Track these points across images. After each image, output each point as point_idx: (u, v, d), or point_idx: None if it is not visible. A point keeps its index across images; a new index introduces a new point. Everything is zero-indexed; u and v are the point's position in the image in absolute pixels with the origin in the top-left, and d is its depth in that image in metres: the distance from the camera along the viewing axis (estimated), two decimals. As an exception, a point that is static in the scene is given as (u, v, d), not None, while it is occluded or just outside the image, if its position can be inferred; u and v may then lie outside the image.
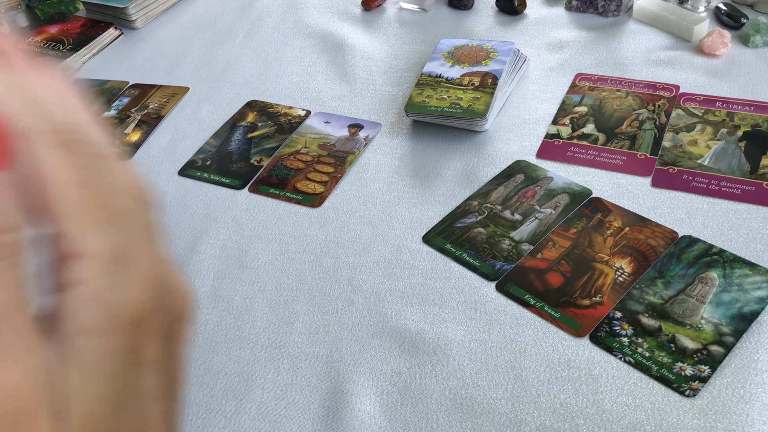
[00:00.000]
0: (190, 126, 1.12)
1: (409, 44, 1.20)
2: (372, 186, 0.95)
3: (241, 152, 1.04)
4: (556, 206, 0.87)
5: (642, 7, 1.14)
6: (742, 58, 1.04)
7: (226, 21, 1.37)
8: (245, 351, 0.78)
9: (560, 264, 0.80)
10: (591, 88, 1.04)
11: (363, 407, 0.71)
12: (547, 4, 1.24)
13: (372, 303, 0.80)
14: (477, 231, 0.85)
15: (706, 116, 0.95)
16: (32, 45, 1.34)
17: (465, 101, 0.99)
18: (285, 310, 0.81)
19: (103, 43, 1.36)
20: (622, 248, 0.80)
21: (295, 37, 1.28)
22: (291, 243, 0.89)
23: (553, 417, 0.66)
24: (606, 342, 0.71)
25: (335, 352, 0.76)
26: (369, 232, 0.88)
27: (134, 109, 1.18)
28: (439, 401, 0.70)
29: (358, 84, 1.13)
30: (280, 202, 0.95)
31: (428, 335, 0.75)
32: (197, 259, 0.89)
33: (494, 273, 0.80)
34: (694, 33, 1.08)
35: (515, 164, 0.94)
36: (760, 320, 0.70)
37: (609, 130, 0.96)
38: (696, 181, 0.86)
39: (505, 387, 0.70)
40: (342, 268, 0.84)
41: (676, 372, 0.68)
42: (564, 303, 0.75)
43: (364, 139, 1.03)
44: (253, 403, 0.73)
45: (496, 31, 1.20)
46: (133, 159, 1.07)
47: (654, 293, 0.75)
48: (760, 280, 0.74)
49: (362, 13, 1.31)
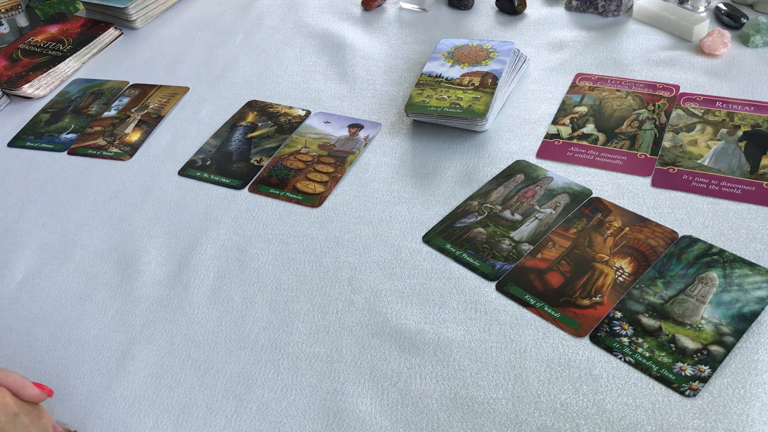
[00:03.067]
0: (190, 126, 1.12)
1: (409, 44, 1.20)
2: (372, 186, 0.95)
3: (241, 152, 1.04)
4: (556, 206, 0.87)
5: (642, 7, 1.14)
6: (742, 58, 1.04)
7: (226, 21, 1.37)
8: (245, 351, 0.78)
9: (560, 264, 0.80)
10: (591, 88, 1.04)
11: (363, 407, 0.71)
12: (547, 4, 1.24)
13: (372, 303, 0.80)
14: (477, 231, 0.85)
15: (706, 116, 0.95)
16: (32, 45, 1.34)
17: (465, 101, 0.99)
18: (285, 310, 0.81)
19: (103, 43, 1.36)
20: (622, 248, 0.80)
21: (295, 37, 1.28)
22: (291, 243, 0.89)
23: (553, 417, 0.67)
24: (606, 342, 0.71)
25: (335, 352, 0.76)
26: (369, 232, 0.88)
27: (134, 109, 1.18)
28: (440, 401, 0.70)
29: (358, 84, 1.13)
30: (280, 202, 0.95)
31: (428, 335, 0.75)
32: (197, 259, 0.89)
33: (494, 273, 0.80)
34: (694, 33, 1.08)
35: (515, 164, 0.94)
36: (760, 320, 0.70)
37: (609, 130, 0.96)
38: (696, 181, 0.86)
39: (505, 387, 0.70)
40: (342, 268, 0.84)
41: (677, 372, 0.68)
42: (564, 303, 0.75)
43: (364, 139, 1.03)
44: (253, 403, 0.73)
45: (496, 31, 1.20)
46: (133, 159, 1.07)
47: (654, 293, 0.75)
48: (760, 280, 0.74)
49: (362, 13, 1.31)
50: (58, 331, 0.84)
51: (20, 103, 1.25)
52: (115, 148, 1.10)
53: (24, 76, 1.26)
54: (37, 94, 1.25)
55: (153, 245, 0.92)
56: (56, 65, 1.28)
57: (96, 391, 0.77)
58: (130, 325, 0.83)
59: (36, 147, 1.14)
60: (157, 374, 0.77)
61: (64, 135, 1.15)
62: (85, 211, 0.99)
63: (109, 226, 0.96)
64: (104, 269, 0.90)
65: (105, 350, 0.81)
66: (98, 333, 0.83)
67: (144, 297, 0.86)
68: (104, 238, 0.95)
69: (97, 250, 0.93)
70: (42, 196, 1.03)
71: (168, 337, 0.81)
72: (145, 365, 0.78)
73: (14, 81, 1.25)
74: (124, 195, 1.01)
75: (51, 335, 0.83)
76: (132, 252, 0.92)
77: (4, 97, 1.25)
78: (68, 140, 1.13)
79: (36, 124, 1.18)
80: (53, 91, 1.26)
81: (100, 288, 0.88)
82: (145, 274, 0.88)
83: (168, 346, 0.80)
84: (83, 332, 0.83)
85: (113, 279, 0.89)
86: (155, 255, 0.91)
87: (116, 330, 0.83)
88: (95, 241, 0.94)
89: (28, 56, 1.32)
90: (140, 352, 0.80)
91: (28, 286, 0.90)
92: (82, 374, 0.79)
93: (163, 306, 0.84)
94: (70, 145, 1.12)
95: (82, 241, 0.95)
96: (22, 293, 0.89)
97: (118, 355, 0.80)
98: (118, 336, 0.82)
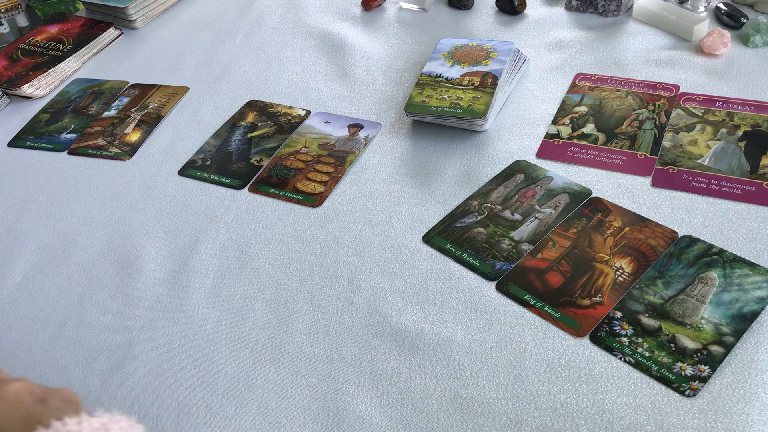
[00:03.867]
0: (190, 126, 1.12)
1: (409, 44, 1.20)
2: (372, 186, 0.95)
3: (241, 152, 1.04)
4: (556, 206, 0.87)
5: (642, 7, 1.14)
6: (742, 58, 1.04)
7: (226, 21, 1.37)
8: (245, 351, 0.78)
9: (560, 264, 0.80)
10: (591, 88, 1.04)
11: (363, 407, 0.71)
12: (547, 4, 1.24)
13: (372, 303, 0.80)
14: (477, 231, 0.85)
15: (706, 116, 0.95)
16: (32, 45, 1.34)
17: (465, 101, 0.99)
18: (285, 310, 0.81)
19: (103, 43, 1.36)
20: (622, 248, 0.80)
21: (295, 37, 1.28)
22: (291, 243, 0.89)
23: (553, 417, 0.67)
24: (606, 342, 0.71)
25: (335, 352, 0.76)
26: (369, 232, 0.88)
27: (134, 109, 1.18)
28: (440, 401, 0.70)
29: (358, 84, 1.13)
30: (280, 202, 0.95)
31: (428, 335, 0.75)
32: (197, 259, 0.89)
33: (494, 273, 0.80)
34: (694, 33, 1.08)
35: (515, 164, 0.94)
36: (760, 320, 0.70)
37: (609, 130, 0.96)
38: (696, 181, 0.86)
39: (505, 387, 0.70)
40: (342, 268, 0.84)
41: (676, 372, 0.68)
42: (564, 303, 0.75)
43: (364, 139, 1.03)
44: (253, 403, 0.73)
45: (496, 31, 1.20)
46: (133, 159, 1.07)
47: (654, 293, 0.75)
48: (760, 280, 0.74)
49: (362, 13, 1.31)
50: (58, 331, 0.84)
51: (20, 103, 1.25)
52: (115, 148, 1.10)
53: (24, 76, 1.26)
54: (37, 94, 1.25)
55: (153, 245, 0.92)
56: (56, 65, 1.28)
57: (96, 391, 0.77)
58: (130, 325, 0.83)
59: (36, 147, 1.14)
60: (157, 374, 0.77)
61: (64, 135, 1.15)
62: (85, 211, 0.99)
63: (109, 226, 0.96)
64: (104, 269, 0.90)
65: (105, 350, 0.81)
66: (98, 333, 0.83)
67: (144, 297, 0.86)
68: (104, 238, 0.95)
69: (97, 250, 0.93)
70: (42, 196, 1.03)
71: (168, 337, 0.81)
72: (145, 365, 0.78)
73: (14, 81, 1.25)
74: (124, 195, 1.01)
75: (51, 335, 0.83)
76: (132, 252, 0.92)
77: (4, 97, 1.25)
78: (68, 140, 1.13)
79: (36, 124, 1.18)
80: (53, 91, 1.26)
81: (100, 288, 0.88)
82: (145, 274, 0.88)
83: (168, 345, 0.80)
84: (83, 332, 0.83)
85: (113, 279, 0.89)
86: (155, 255, 0.91)
87: (116, 330, 0.83)
88: (95, 241, 0.94)
89: (28, 56, 1.32)
90: (140, 352, 0.80)
91: (28, 286, 0.90)
92: (82, 374, 0.79)
93: (163, 306, 0.84)
94: (70, 145, 1.12)
95: (82, 241, 0.95)
96: (22, 293, 0.89)
97: (118, 355, 0.80)
98: (118, 336, 0.82)
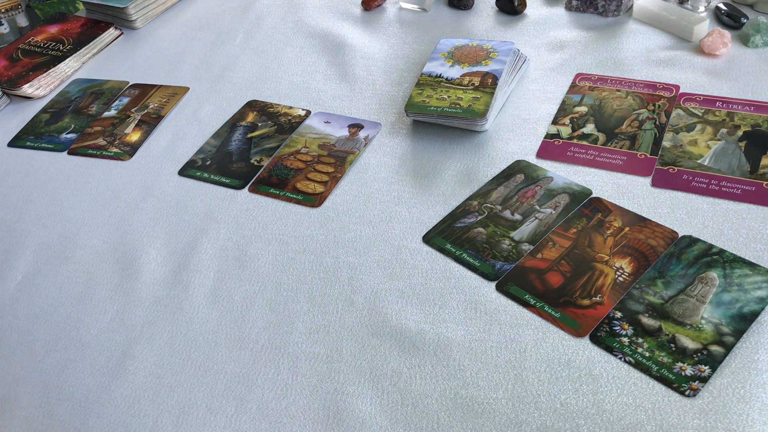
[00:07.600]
0: (190, 126, 1.12)
1: (409, 44, 1.20)
2: (372, 186, 0.95)
3: (241, 152, 1.04)
4: (556, 206, 0.87)
5: (642, 7, 1.14)
6: (742, 58, 1.04)
7: (226, 21, 1.37)
8: (245, 351, 0.78)
9: (560, 264, 0.80)
10: (591, 88, 1.04)
11: (363, 407, 0.71)
12: (547, 4, 1.24)
13: (372, 303, 0.80)
14: (477, 231, 0.85)
15: (706, 116, 0.95)
16: (32, 45, 1.34)
17: (465, 101, 0.99)
18: (285, 310, 0.81)
19: (103, 43, 1.36)
20: (622, 248, 0.80)
21: (295, 37, 1.28)
22: (291, 243, 0.89)
23: (553, 417, 0.67)
24: (606, 342, 0.71)
25: (335, 352, 0.76)
26: (369, 232, 0.88)
27: (134, 109, 1.18)
28: (440, 401, 0.70)
29: (358, 84, 1.13)
30: (280, 202, 0.95)
31: (428, 335, 0.75)
32: (197, 259, 0.89)
33: (494, 273, 0.80)
34: (694, 33, 1.08)
35: (515, 164, 0.94)
36: (760, 320, 0.71)
37: (609, 130, 0.96)
38: (696, 181, 0.86)
39: (505, 387, 0.70)
40: (342, 268, 0.84)
41: (676, 372, 0.68)
42: (564, 303, 0.76)
43: (364, 139, 1.03)
44: (253, 403, 0.73)
45: (496, 31, 1.20)
46: (133, 159, 1.07)
47: (654, 293, 0.75)
48: (760, 280, 0.74)
49: (362, 13, 1.31)
50: (58, 331, 0.84)
51: (20, 103, 1.25)
52: (115, 148, 1.10)
53: (24, 76, 1.26)
54: (37, 94, 1.25)
55: (153, 245, 0.92)
56: (56, 65, 1.28)
57: (96, 391, 0.77)
58: (130, 325, 0.83)
59: (36, 147, 1.14)
60: (157, 374, 0.77)
61: (64, 135, 1.15)
62: (85, 211, 0.99)
63: (109, 226, 0.96)
64: (104, 269, 0.90)
65: (105, 350, 0.81)
66: (98, 333, 0.83)
67: (144, 297, 0.86)
68: (104, 238, 0.95)
69: (97, 250, 0.93)
70: (42, 196, 1.03)
71: (168, 337, 0.81)
72: (145, 365, 0.78)
73: (14, 81, 1.25)
74: (124, 195, 1.01)
75: (51, 335, 0.83)
76: (132, 252, 0.92)
77: (4, 97, 1.25)
78: (68, 140, 1.13)
79: (36, 124, 1.18)
80: (53, 91, 1.26)
81: (100, 288, 0.88)
82: (145, 274, 0.88)
83: (168, 345, 0.80)
84: (83, 332, 0.83)
85: (113, 279, 0.89)
86: (155, 255, 0.91)
87: (116, 330, 0.83)
88: (95, 241, 0.94)
89: (28, 56, 1.32)
90: (140, 352, 0.80)
91: (28, 286, 0.90)
92: (82, 374, 0.79)
93: (163, 306, 0.84)
94: (70, 145, 1.12)
95: (82, 241, 0.95)
96: (22, 293, 0.89)
97: (118, 355, 0.80)
98: (118, 336, 0.82)
